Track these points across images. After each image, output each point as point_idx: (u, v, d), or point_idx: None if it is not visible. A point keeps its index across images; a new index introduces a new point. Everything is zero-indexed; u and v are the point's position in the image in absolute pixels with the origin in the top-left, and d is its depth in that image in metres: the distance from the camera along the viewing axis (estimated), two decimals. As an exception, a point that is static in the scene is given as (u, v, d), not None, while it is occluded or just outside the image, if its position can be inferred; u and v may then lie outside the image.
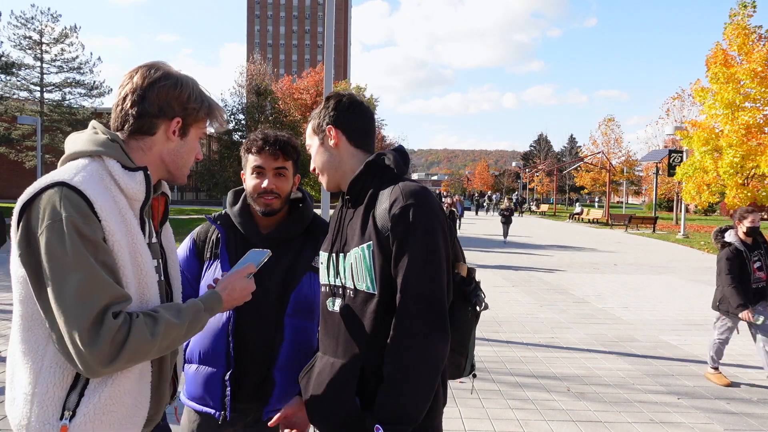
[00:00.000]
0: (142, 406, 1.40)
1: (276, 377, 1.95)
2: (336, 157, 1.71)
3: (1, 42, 52.81)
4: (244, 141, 2.23)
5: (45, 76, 38.89)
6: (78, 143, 1.40)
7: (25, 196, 1.27)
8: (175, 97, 1.43)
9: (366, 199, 1.62)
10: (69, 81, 39.14)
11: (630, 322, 7.67)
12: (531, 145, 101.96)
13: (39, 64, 38.62)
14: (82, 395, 1.30)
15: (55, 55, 38.76)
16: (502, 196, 55.11)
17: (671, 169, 24.32)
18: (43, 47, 38.43)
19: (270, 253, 1.64)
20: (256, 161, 2.00)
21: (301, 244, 2.06)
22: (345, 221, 1.69)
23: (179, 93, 1.44)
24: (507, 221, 20.08)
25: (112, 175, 1.35)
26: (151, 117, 1.42)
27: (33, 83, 38.78)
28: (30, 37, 37.87)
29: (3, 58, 34.06)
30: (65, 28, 38.61)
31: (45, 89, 38.89)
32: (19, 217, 1.26)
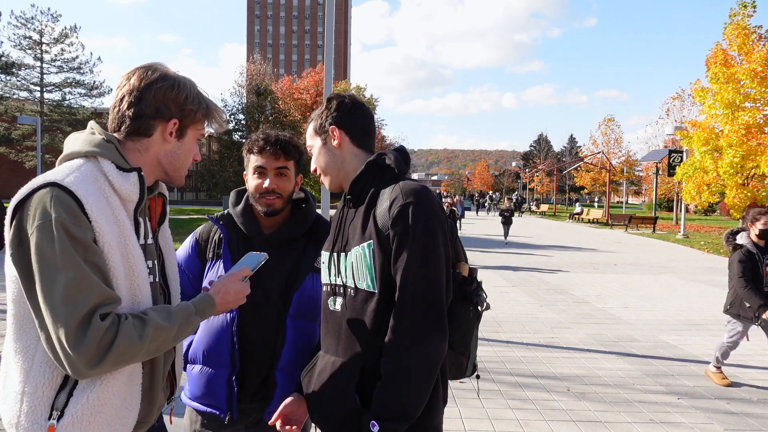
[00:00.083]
0: (132, 408, 1.39)
1: (277, 378, 1.94)
2: (339, 158, 1.71)
3: (1, 42, 52.95)
4: (244, 141, 2.23)
5: (45, 76, 38.93)
6: (74, 144, 1.40)
7: (18, 196, 1.27)
8: (172, 99, 1.43)
9: (367, 198, 1.63)
10: (69, 81, 39.18)
11: (630, 322, 7.67)
12: (531, 145, 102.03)
13: (39, 64, 38.66)
14: (70, 395, 1.30)
15: (55, 55, 38.80)
16: (502, 196, 55.08)
17: (671, 169, 24.32)
18: (43, 47, 38.45)
19: (267, 256, 1.63)
20: (258, 161, 1.99)
21: (304, 245, 2.05)
22: (346, 221, 1.69)
23: (176, 94, 1.43)
24: (507, 221, 20.07)
25: (106, 176, 1.34)
26: (148, 118, 1.41)
27: (33, 83, 38.81)
28: (30, 37, 37.90)
29: (3, 58, 34.11)
30: (65, 28, 38.66)
31: (45, 89, 38.92)
32: (12, 217, 1.27)
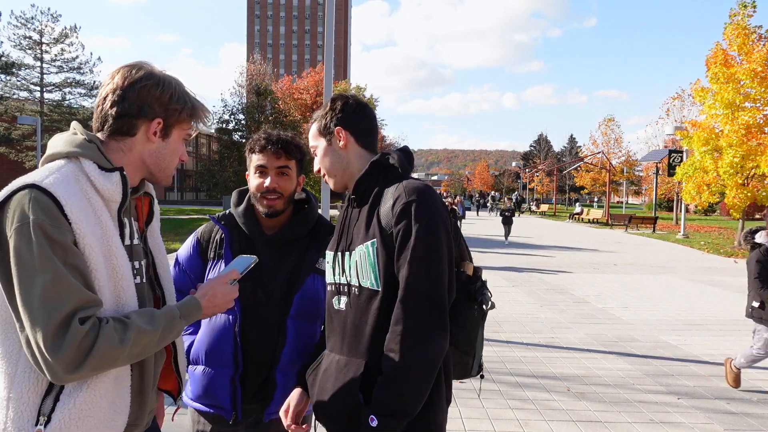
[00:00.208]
0: (121, 411, 1.37)
1: (278, 379, 1.94)
2: (344, 159, 1.72)
3: (1, 42, 52.98)
4: (244, 141, 2.23)
5: (45, 76, 38.95)
6: (56, 145, 1.38)
7: None
8: (156, 98, 1.40)
9: (371, 197, 1.64)
10: (69, 81, 39.21)
11: (630, 322, 7.67)
12: (531, 145, 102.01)
13: (39, 64, 38.69)
14: (57, 400, 1.27)
15: (55, 55, 38.82)
16: (502, 196, 55.05)
17: (671, 169, 24.32)
18: (43, 47, 38.46)
19: (257, 259, 1.61)
20: (259, 160, 1.99)
21: (305, 246, 2.05)
22: (350, 220, 1.70)
23: (161, 93, 1.40)
24: (508, 221, 20.08)
25: (87, 176, 1.32)
26: (131, 117, 1.39)
27: (33, 83, 38.84)
28: (30, 37, 37.92)
29: (3, 58, 34.11)
30: (65, 28, 38.70)
31: (45, 89, 38.93)
32: None
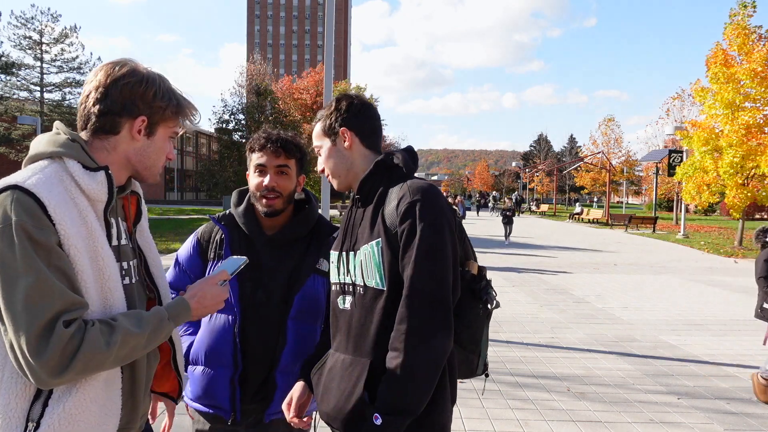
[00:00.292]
0: (112, 415, 1.35)
1: (278, 379, 1.94)
2: (348, 159, 1.73)
3: (1, 42, 52.95)
4: (244, 141, 2.23)
5: (45, 76, 38.93)
6: (39, 145, 1.36)
7: None
8: (140, 95, 1.38)
9: (375, 197, 1.65)
10: (69, 81, 39.17)
11: (630, 322, 7.67)
12: (531, 145, 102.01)
13: (39, 64, 38.67)
14: (46, 405, 1.25)
15: (55, 55, 38.79)
16: (502, 195, 55.06)
17: (671, 169, 24.31)
18: (43, 47, 38.45)
19: (247, 260, 1.61)
20: (259, 159, 1.99)
21: (306, 246, 2.05)
22: (355, 220, 1.71)
23: (144, 90, 1.38)
24: (509, 221, 20.07)
25: (72, 176, 1.30)
26: (114, 115, 1.36)
27: (33, 83, 38.83)
28: (30, 37, 37.90)
29: (3, 58, 34.10)
30: (65, 28, 38.67)
31: (45, 89, 38.92)
32: None
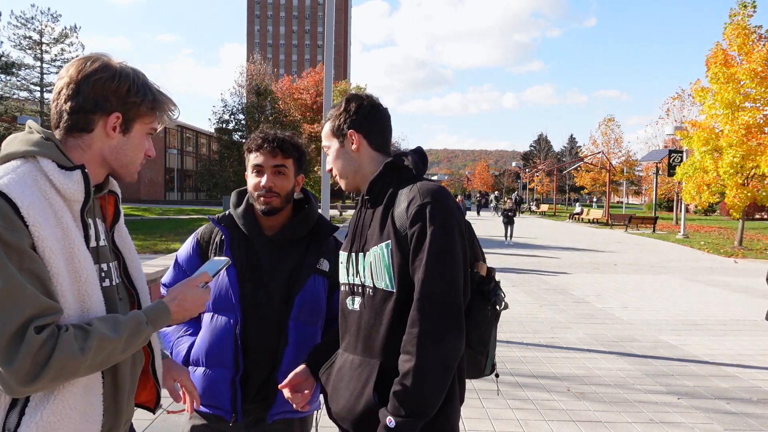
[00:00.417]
0: (93, 421, 1.30)
1: (279, 380, 1.93)
2: (356, 161, 1.73)
3: (1, 42, 53.01)
4: (244, 141, 2.22)
5: (45, 76, 38.97)
6: (11, 144, 1.32)
7: None
8: (113, 91, 1.32)
9: (385, 199, 1.65)
10: (69, 81, 39.17)
11: (630, 322, 7.67)
12: (531, 145, 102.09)
13: (39, 64, 38.73)
14: (23, 414, 1.21)
15: (55, 55, 38.85)
16: (502, 195, 55.03)
17: (671, 169, 24.32)
18: (43, 47, 38.49)
19: (229, 261, 1.59)
20: (256, 159, 1.98)
21: (306, 246, 2.04)
22: (364, 221, 1.71)
23: (117, 86, 1.33)
24: (510, 222, 20.08)
25: (47, 176, 1.25)
26: (87, 112, 1.32)
27: (33, 83, 38.88)
28: (30, 37, 37.96)
29: (3, 58, 34.15)
30: (65, 28, 38.77)
31: (45, 89, 38.94)
32: None
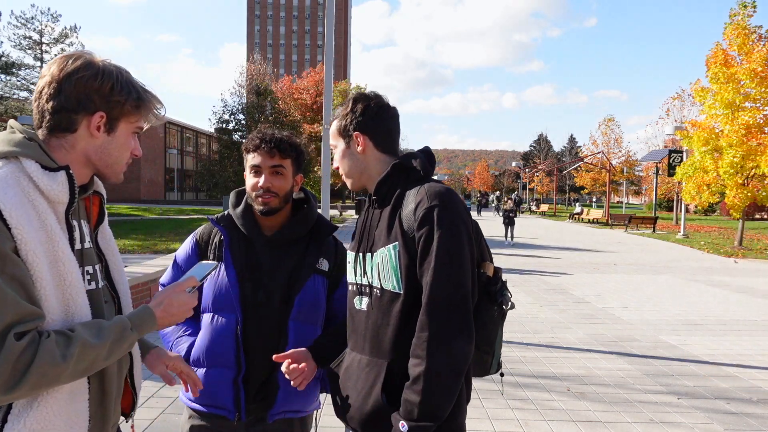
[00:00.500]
0: (79, 428, 1.28)
1: (280, 380, 1.94)
2: (362, 162, 1.73)
3: (1, 42, 53.00)
4: (244, 141, 2.22)
5: (45, 76, 38.93)
6: None
7: None
8: (95, 90, 1.29)
9: (392, 200, 1.66)
10: (69, 81, 39.19)
11: (630, 322, 7.67)
12: (531, 145, 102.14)
13: (39, 64, 38.70)
14: (5, 422, 1.18)
15: (55, 55, 38.72)
16: (502, 196, 54.96)
17: (671, 169, 24.32)
18: (43, 47, 38.50)
19: (217, 264, 1.57)
20: (254, 160, 1.98)
21: (305, 246, 2.04)
22: (372, 222, 1.72)
23: (100, 84, 1.29)
24: (510, 222, 20.09)
25: (30, 177, 1.22)
26: (69, 112, 1.28)
27: (33, 83, 38.80)
28: (30, 37, 37.96)
29: (3, 58, 34.16)
30: (65, 28, 38.74)
31: (45, 89, 38.91)
32: None
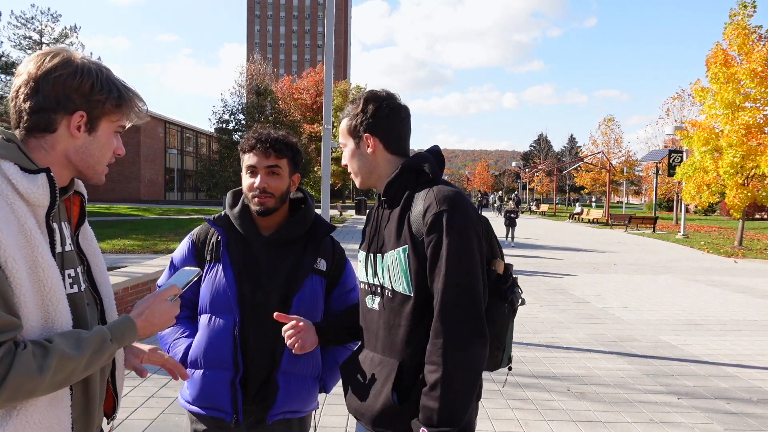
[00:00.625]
0: None
1: (279, 381, 1.94)
2: (372, 163, 1.73)
3: (1, 42, 52.89)
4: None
5: (45, 76, 38.93)
6: None
7: None
8: (75, 88, 1.25)
9: (402, 202, 1.66)
10: (69, 81, 39.18)
11: (630, 322, 7.68)
12: (531, 145, 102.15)
13: (39, 64, 38.67)
14: None
15: (55, 55, 38.81)
16: (504, 196, 54.91)
17: (671, 169, 24.33)
18: (44, 47, 38.42)
19: (200, 272, 1.53)
20: (249, 160, 1.98)
21: (303, 246, 2.04)
22: (382, 222, 1.72)
23: (80, 83, 1.25)
24: (512, 223, 20.11)
25: (8, 180, 1.18)
26: (48, 112, 1.24)
27: (33, 83, 38.81)
28: (30, 37, 37.92)
29: (3, 58, 34.13)
30: (65, 28, 38.64)
31: (45, 89, 38.91)
32: None
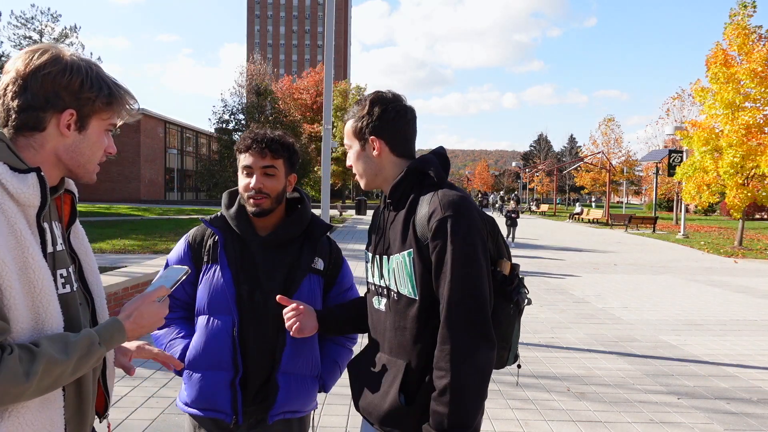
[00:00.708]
0: None
1: (279, 381, 1.94)
2: (377, 166, 1.72)
3: (1, 42, 52.89)
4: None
5: (45, 76, 38.92)
6: None
7: None
8: (64, 86, 1.23)
9: (407, 205, 1.65)
10: (69, 81, 39.17)
11: (630, 322, 7.68)
12: (531, 145, 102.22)
13: (39, 64, 38.69)
14: None
15: (55, 55, 38.79)
16: (505, 196, 54.88)
17: (671, 169, 24.34)
18: (40, 46, 38.44)
19: (188, 270, 1.51)
20: (245, 160, 1.96)
21: (300, 246, 2.03)
22: (387, 223, 1.73)
23: (69, 81, 1.24)
24: (513, 223, 20.13)
25: None
26: (37, 110, 1.23)
27: (33, 83, 38.83)
28: (30, 37, 37.89)
29: (3, 58, 34.10)
30: (65, 28, 38.65)
31: (45, 89, 38.91)
32: None
